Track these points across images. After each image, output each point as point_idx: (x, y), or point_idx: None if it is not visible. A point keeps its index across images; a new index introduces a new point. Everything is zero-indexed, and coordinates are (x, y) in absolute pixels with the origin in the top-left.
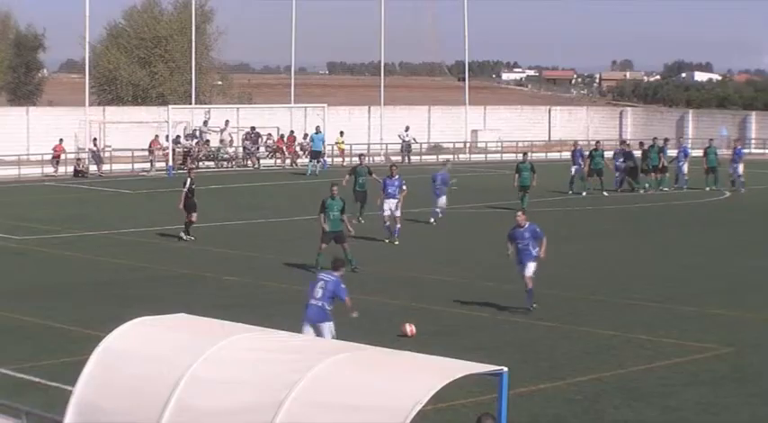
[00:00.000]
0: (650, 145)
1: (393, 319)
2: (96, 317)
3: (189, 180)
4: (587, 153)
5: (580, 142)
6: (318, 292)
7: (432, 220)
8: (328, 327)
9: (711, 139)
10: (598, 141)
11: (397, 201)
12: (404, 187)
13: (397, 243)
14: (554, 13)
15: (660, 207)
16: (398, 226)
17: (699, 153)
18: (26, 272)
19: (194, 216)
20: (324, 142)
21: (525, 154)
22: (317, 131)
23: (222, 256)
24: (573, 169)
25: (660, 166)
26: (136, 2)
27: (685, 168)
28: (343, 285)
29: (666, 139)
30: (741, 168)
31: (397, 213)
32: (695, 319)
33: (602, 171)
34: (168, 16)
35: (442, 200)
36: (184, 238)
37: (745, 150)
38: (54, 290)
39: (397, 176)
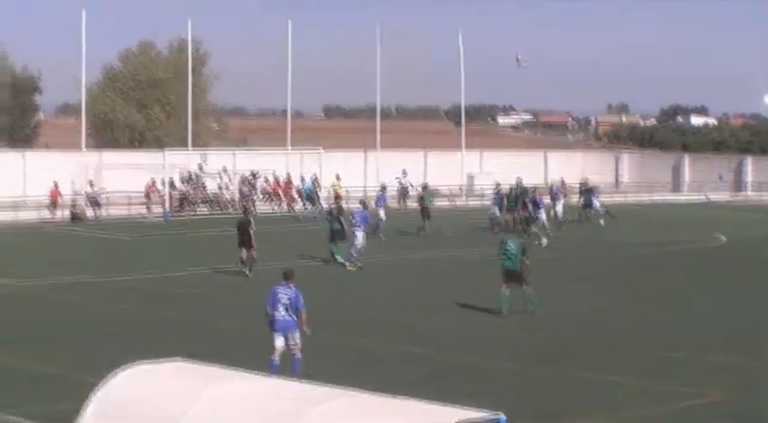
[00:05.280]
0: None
1: (388, 362)
2: (92, 362)
3: (252, 220)
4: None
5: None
6: (281, 307)
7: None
8: (297, 334)
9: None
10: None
11: (363, 233)
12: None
13: (351, 269)
14: (548, 56)
15: (650, 252)
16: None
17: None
18: (23, 316)
19: (254, 252)
20: (314, 188)
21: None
22: (308, 178)
23: (219, 301)
24: (494, 211)
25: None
26: (131, 44)
27: (559, 208)
28: (301, 299)
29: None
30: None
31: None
32: (692, 364)
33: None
34: (164, 59)
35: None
36: (248, 274)
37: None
38: (50, 334)
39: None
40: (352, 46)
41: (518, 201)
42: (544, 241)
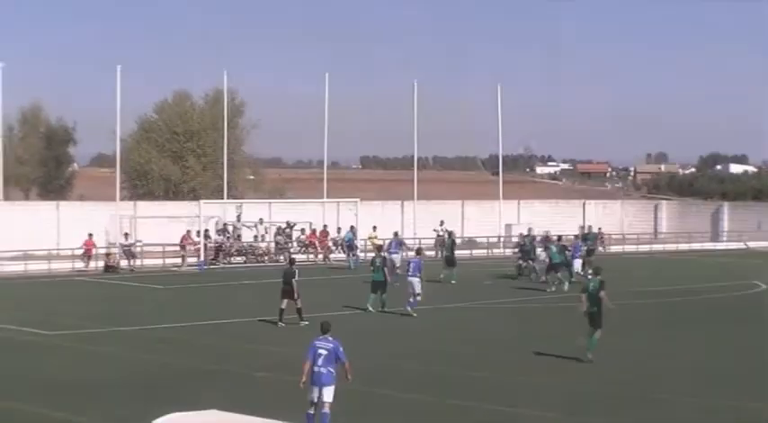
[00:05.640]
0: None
1: (430, 413)
2: (127, 413)
3: (297, 271)
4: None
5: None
6: (321, 359)
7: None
8: (331, 390)
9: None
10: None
11: (419, 279)
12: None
13: (415, 315)
14: (587, 105)
15: (690, 299)
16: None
17: None
18: (55, 367)
19: (299, 302)
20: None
21: None
22: (346, 228)
23: (253, 352)
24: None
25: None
26: (167, 95)
27: (577, 264)
28: (341, 348)
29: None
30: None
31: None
32: (740, 412)
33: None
34: (200, 110)
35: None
36: (304, 323)
37: None
38: (83, 386)
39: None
40: (389, 97)
41: (531, 248)
42: (566, 286)
